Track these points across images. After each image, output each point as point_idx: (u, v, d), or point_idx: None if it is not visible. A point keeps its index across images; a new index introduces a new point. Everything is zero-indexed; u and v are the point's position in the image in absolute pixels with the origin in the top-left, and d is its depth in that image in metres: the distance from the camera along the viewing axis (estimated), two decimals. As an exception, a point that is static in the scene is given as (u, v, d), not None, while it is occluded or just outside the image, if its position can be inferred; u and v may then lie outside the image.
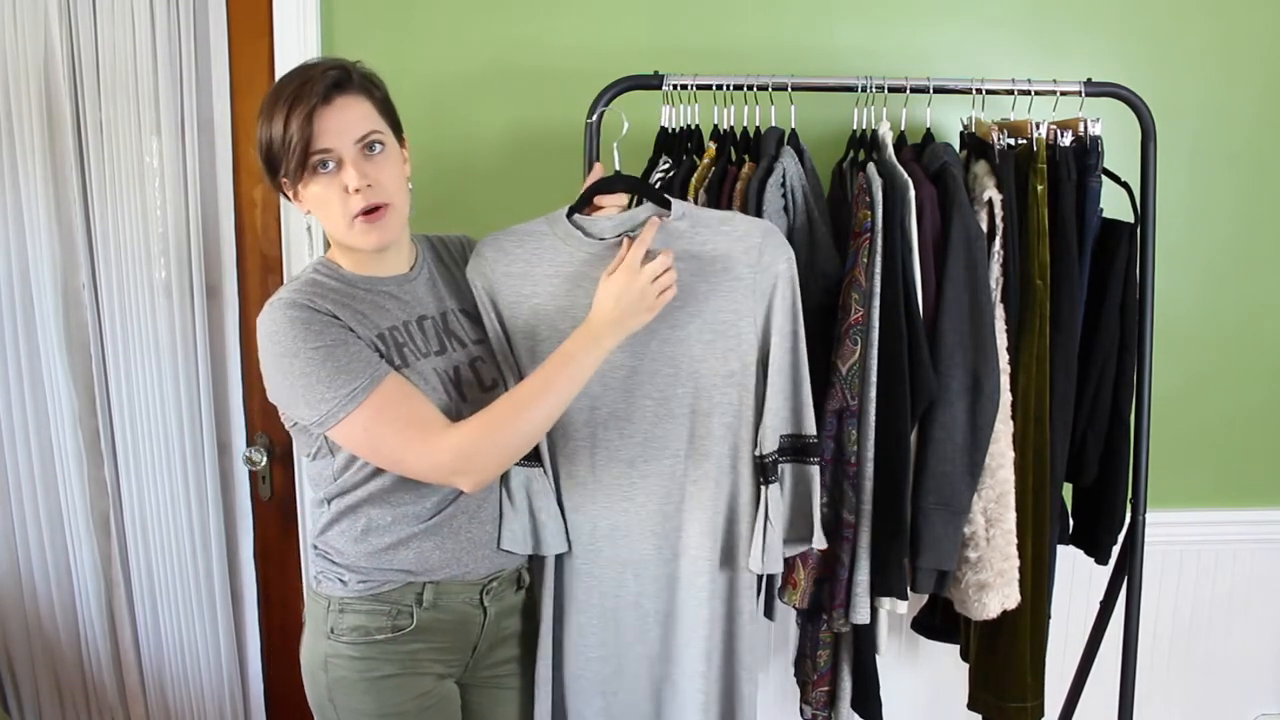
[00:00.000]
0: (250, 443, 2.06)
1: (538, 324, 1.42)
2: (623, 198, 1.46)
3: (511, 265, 1.43)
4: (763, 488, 1.42)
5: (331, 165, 1.28)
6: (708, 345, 1.40)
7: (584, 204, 1.44)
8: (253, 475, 2.09)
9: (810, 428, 1.44)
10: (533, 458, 1.44)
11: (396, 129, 1.38)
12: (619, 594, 1.48)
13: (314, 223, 1.94)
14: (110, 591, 2.11)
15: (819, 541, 1.46)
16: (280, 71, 1.88)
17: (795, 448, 1.44)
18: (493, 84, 1.95)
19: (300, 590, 2.12)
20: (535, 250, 1.43)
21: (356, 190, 1.28)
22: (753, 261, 1.38)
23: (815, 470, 1.45)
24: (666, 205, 1.42)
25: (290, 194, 1.34)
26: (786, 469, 1.45)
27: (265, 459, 2.05)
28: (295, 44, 1.89)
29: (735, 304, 1.39)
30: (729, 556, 1.46)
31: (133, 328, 1.98)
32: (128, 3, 1.88)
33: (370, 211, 1.30)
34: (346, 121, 1.28)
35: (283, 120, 1.26)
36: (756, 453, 1.43)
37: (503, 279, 1.44)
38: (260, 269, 2.02)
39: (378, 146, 1.31)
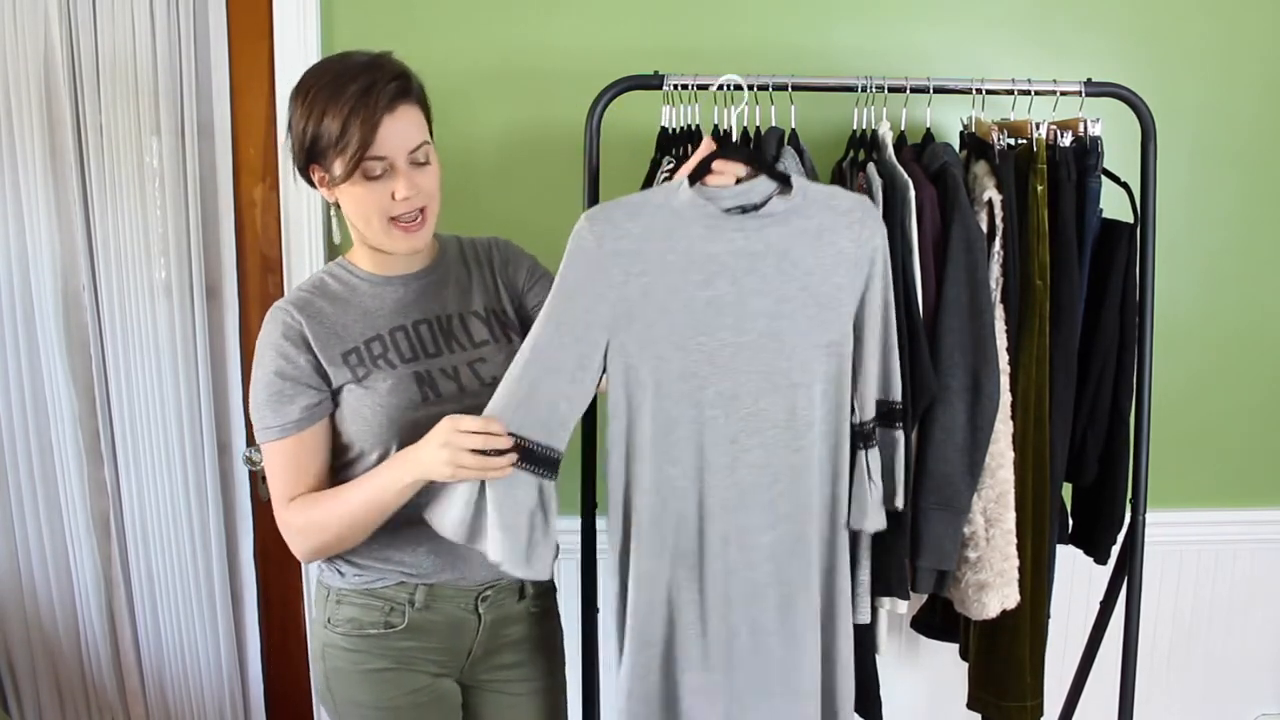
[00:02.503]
0: (250, 443, 2.06)
1: (648, 306, 1.36)
2: (735, 170, 1.40)
3: (621, 241, 1.36)
4: (863, 452, 1.44)
5: (380, 171, 1.30)
6: (812, 318, 1.40)
7: (702, 174, 1.39)
8: (253, 475, 2.09)
9: (897, 394, 1.46)
10: (548, 467, 1.36)
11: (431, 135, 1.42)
12: (728, 571, 1.43)
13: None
14: (110, 591, 2.11)
15: (900, 503, 1.48)
16: (280, 71, 1.90)
17: (883, 413, 1.46)
18: (493, 84, 1.95)
19: (300, 590, 2.12)
20: (649, 225, 1.37)
21: (405, 198, 1.31)
22: (855, 235, 1.40)
23: (901, 435, 1.47)
24: (784, 180, 1.40)
25: (316, 180, 1.36)
26: (877, 434, 1.47)
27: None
28: (295, 44, 1.89)
29: (839, 277, 1.40)
30: (831, 521, 1.46)
31: (133, 328, 1.98)
32: (128, 3, 1.88)
33: (409, 220, 1.34)
34: (405, 132, 1.30)
35: (342, 119, 1.26)
36: (856, 420, 1.44)
37: (611, 256, 1.35)
38: (260, 269, 2.03)
39: (424, 159, 1.34)
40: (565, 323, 1.35)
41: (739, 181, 1.39)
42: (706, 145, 1.41)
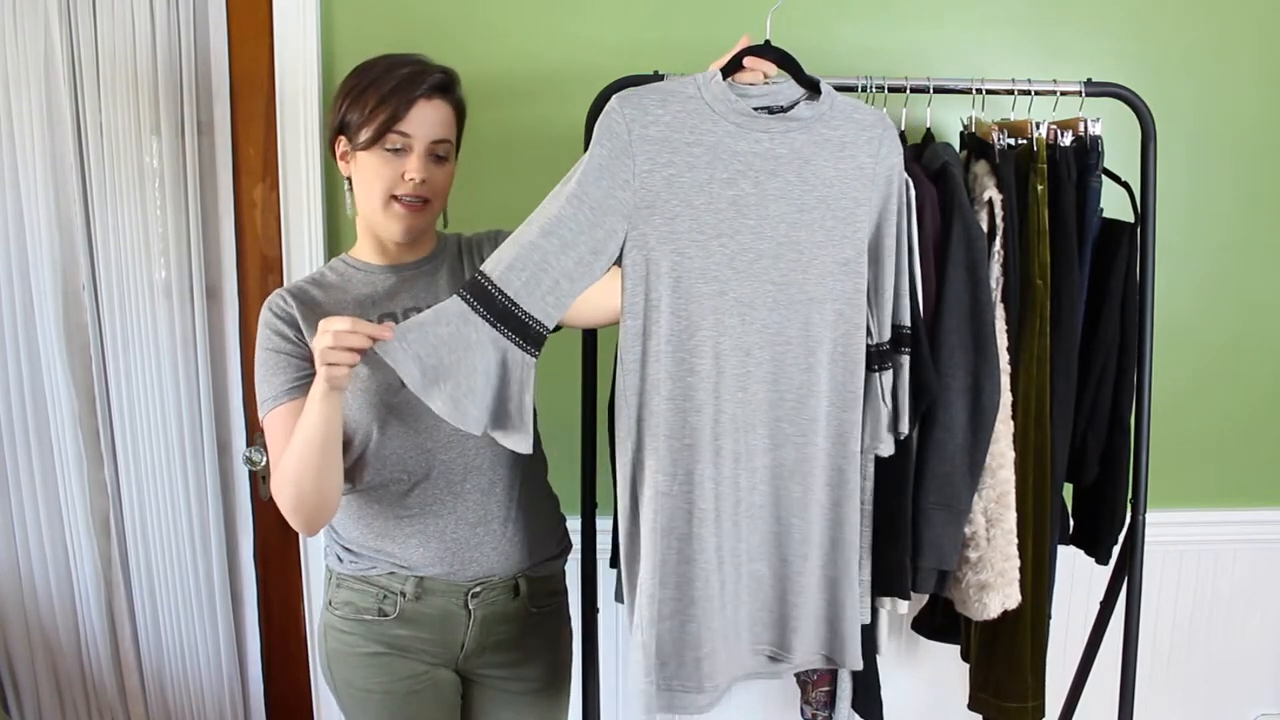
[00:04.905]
0: (250, 443, 2.06)
1: (670, 198, 1.33)
2: (762, 70, 1.39)
3: (649, 128, 1.33)
4: (877, 374, 1.43)
5: (400, 147, 1.38)
6: (829, 231, 1.38)
7: (734, 69, 1.38)
8: (253, 475, 2.09)
9: (907, 317, 1.45)
10: (531, 341, 1.31)
11: (458, 147, 1.47)
12: (736, 488, 1.41)
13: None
14: (110, 591, 2.11)
15: (905, 428, 1.47)
16: (280, 71, 1.90)
17: (895, 337, 1.45)
18: (492, 84, 1.95)
19: (300, 590, 2.13)
20: (679, 114, 1.34)
21: (412, 179, 1.37)
22: (873, 151, 1.39)
23: (906, 359, 1.46)
24: (813, 86, 1.39)
25: (338, 154, 1.44)
26: (891, 357, 1.45)
27: (265, 459, 2.04)
28: (295, 44, 1.89)
29: (856, 191, 1.38)
30: (840, 443, 1.43)
31: (133, 328, 1.98)
32: (128, 3, 1.88)
33: (410, 202, 1.39)
34: (434, 121, 1.39)
35: (382, 93, 1.36)
36: (873, 341, 1.43)
37: (639, 142, 1.33)
38: (260, 269, 2.03)
39: (443, 155, 1.41)
40: (586, 201, 1.31)
41: (768, 81, 1.39)
42: (742, 41, 1.40)
